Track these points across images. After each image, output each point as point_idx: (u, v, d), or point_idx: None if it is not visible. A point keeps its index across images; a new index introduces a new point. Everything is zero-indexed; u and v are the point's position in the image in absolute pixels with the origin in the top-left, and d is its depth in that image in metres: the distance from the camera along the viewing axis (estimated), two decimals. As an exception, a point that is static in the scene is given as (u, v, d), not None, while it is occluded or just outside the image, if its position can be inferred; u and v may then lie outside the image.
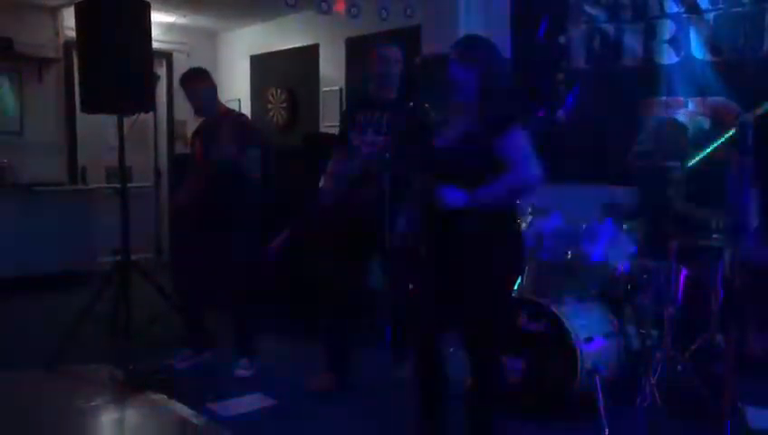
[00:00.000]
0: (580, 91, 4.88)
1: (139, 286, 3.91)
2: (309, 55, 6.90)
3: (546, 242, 3.44)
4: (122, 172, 3.95)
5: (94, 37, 3.76)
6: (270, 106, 7.37)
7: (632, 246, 3.53)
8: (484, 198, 2.40)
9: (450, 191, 2.42)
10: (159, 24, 6.65)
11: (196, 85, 3.88)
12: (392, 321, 3.38)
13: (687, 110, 4.37)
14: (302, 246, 4.06)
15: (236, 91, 7.69)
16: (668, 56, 4.44)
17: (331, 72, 6.70)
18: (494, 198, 2.42)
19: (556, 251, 3.45)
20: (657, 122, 4.39)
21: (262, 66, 7.57)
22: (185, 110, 7.04)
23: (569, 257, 3.47)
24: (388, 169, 2.89)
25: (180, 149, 7.37)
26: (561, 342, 3.19)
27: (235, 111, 4.27)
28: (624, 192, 4.09)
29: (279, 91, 7.28)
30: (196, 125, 4.18)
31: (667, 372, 3.14)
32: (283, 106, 7.25)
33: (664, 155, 3.86)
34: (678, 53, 4.40)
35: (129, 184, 4.07)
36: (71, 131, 6.91)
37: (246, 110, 7.52)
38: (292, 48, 7.09)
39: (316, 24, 6.55)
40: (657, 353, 3.19)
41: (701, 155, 2.68)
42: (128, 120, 3.89)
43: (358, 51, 6.18)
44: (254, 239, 3.93)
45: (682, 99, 4.40)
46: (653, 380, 3.06)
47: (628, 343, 3.51)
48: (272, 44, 7.36)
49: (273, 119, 7.31)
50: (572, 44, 4.91)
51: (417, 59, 4.99)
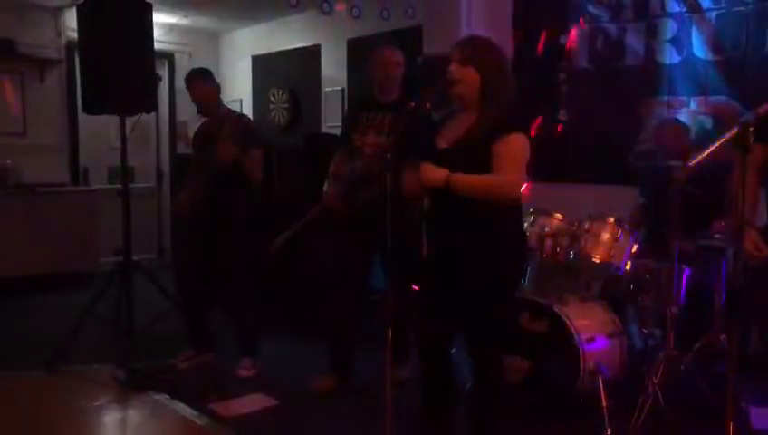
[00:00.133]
0: (582, 91, 4.88)
1: (141, 287, 3.92)
2: (310, 56, 6.90)
3: (548, 242, 3.44)
4: (124, 173, 3.96)
5: (96, 38, 3.76)
6: (272, 106, 7.38)
7: (634, 246, 3.52)
8: (462, 184, 2.40)
9: (432, 168, 2.43)
10: (161, 25, 6.66)
11: (199, 85, 3.89)
12: (393, 321, 3.37)
13: (689, 109, 4.36)
14: (303, 247, 4.05)
15: (238, 92, 7.69)
16: (670, 56, 4.44)
17: (333, 73, 6.70)
18: (471, 189, 2.42)
19: (558, 251, 3.44)
20: (658, 122, 4.38)
21: (263, 66, 7.57)
22: (186, 110, 7.08)
23: (571, 257, 3.46)
24: (390, 170, 2.89)
25: (182, 150, 7.38)
26: (563, 342, 3.19)
27: (236, 111, 4.28)
28: (626, 192, 4.10)
29: (281, 92, 7.28)
30: (197, 126, 4.18)
31: (669, 372, 3.13)
32: (285, 106, 7.25)
33: (665, 155, 3.86)
34: (680, 53, 4.40)
35: (131, 184, 4.08)
36: (73, 132, 6.90)
37: (248, 110, 7.53)
38: (294, 48, 7.10)
39: (318, 25, 6.55)
40: (660, 353, 3.18)
41: (703, 155, 2.67)
42: (130, 121, 3.90)
43: (359, 51, 6.18)
44: (255, 239, 3.93)
45: (684, 98, 4.39)
46: (655, 380, 3.05)
47: (631, 343, 3.52)
48: (273, 45, 7.36)
49: (275, 119, 7.31)
50: (574, 44, 4.90)
51: (419, 59, 4.99)
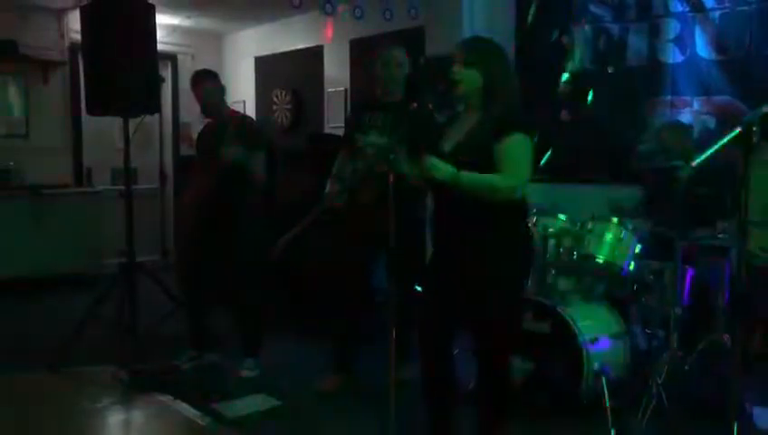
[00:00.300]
0: (585, 91, 4.87)
1: (145, 288, 3.92)
2: (313, 56, 6.91)
3: (552, 242, 3.43)
4: (127, 174, 3.96)
5: (99, 39, 3.77)
6: (275, 107, 7.38)
7: (638, 247, 3.51)
8: (466, 182, 2.39)
9: (439, 163, 2.41)
10: (164, 26, 6.67)
11: (205, 86, 3.90)
12: (396, 321, 3.37)
13: (693, 109, 4.36)
14: (307, 247, 4.05)
15: (241, 93, 7.69)
16: (673, 55, 4.43)
17: (336, 73, 6.70)
18: (475, 187, 2.41)
19: (562, 251, 3.44)
20: (661, 122, 4.38)
21: (266, 67, 7.57)
22: (190, 111, 7.10)
23: (574, 258, 3.46)
24: (393, 171, 2.90)
25: (185, 151, 7.39)
26: (566, 342, 3.18)
27: (240, 112, 4.28)
28: (629, 192, 4.09)
29: (284, 93, 7.28)
30: (200, 127, 4.19)
31: (673, 372, 3.13)
32: (288, 107, 7.25)
33: (668, 155, 3.85)
34: (683, 53, 4.39)
35: (134, 186, 4.08)
36: (76, 133, 6.91)
37: (251, 111, 7.54)
38: (297, 49, 7.10)
39: (320, 26, 6.55)
40: (664, 354, 3.18)
41: (706, 154, 2.67)
42: (133, 123, 3.90)
43: (362, 52, 6.18)
44: (258, 240, 3.93)
45: (687, 98, 4.39)
46: (659, 380, 3.05)
47: (635, 343, 3.51)
48: (276, 46, 7.36)
49: (278, 120, 7.31)
50: (577, 44, 4.90)
51: (422, 60, 5.00)
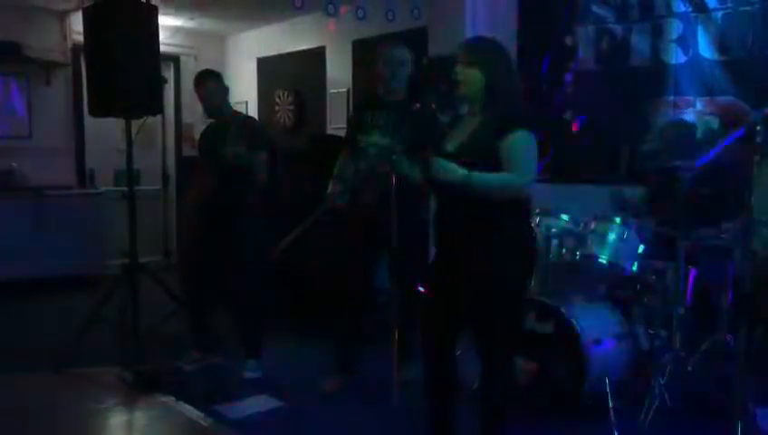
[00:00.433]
0: (588, 92, 4.87)
1: (147, 289, 3.92)
2: (316, 57, 6.91)
3: (554, 242, 3.43)
4: (130, 175, 3.96)
5: (102, 41, 3.77)
6: (277, 108, 7.38)
7: (641, 247, 3.51)
8: (477, 182, 2.37)
9: (449, 164, 2.39)
10: (167, 28, 6.67)
11: (209, 87, 3.90)
12: (399, 321, 3.38)
13: (696, 109, 4.35)
14: (309, 248, 4.05)
15: (244, 94, 7.70)
16: (676, 56, 4.42)
17: (338, 74, 6.70)
18: (487, 186, 2.40)
19: (564, 252, 3.43)
20: (664, 122, 4.37)
21: (269, 68, 7.58)
22: (192, 112, 7.11)
23: (577, 258, 3.45)
24: (396, 171, 2.90)
25: (188, 152, 7.39)
26: (569, 343, 3.18)
27: (243, 113, 4.29)
28: (632, 192, 4.08)
29: (286, 93, 7.29)
30: (203, 128, 4.19)
31: (676, 372, 3.12)
32: (290, 108, 7.26)
33: (672, 155, 3.85)
34: (686, 53, 4.38)
35: (136, 187, 4.09)
36: (79, 135, 6.92)
37: (254, 112, 7.55)
38: (300, 50, 7.10)
39: (323, 27, 6.55)
40: (667, 354, 3.18)
41: (709, 155, 2.67)
42: (135, 124, 3.91)
43: (364, 52, 6.18)
44: (260, 240, 3.93)
45: (690, 98, 4.38)
46: (662, 380, 3.04)
47: (638, 343, 3.50)
48: (279, 47, 7.36)
49: (281, 120, 7.32)
50: (580, 45, 4.89)
51: (424, 60, 4.99)
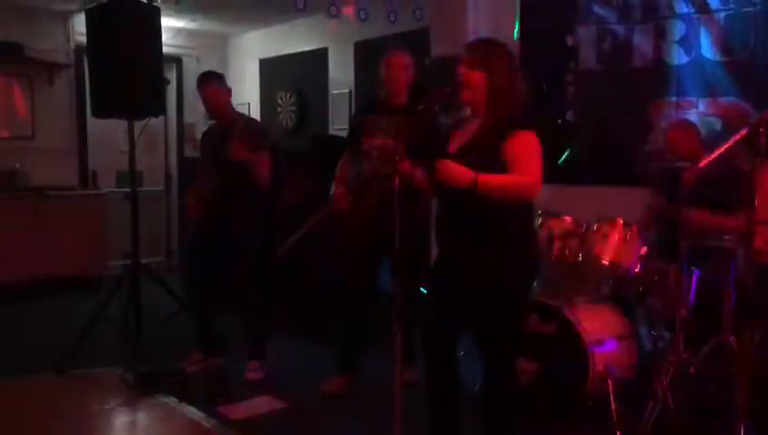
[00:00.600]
0: (591, 93, 4.87)
1: (150, 290, 3.93)
2: (318, 58, 6.91)
3: (557, 243, 3.42)
4: (132, 176, 3.97)
5: (105, 42, 3.78)
6: (279, 109, 7.39)
7: (643, 248, 3.51)
8: (485, 184, 2.34)
9: (459, 167, 2.35)
10: (169, 29, 6.67)
11: (212, 88, 3.90)
12: (401, 322, 3.37)
13: (698, 110, 4.34)
14: (311, 249, 4.06)
15: (246, 95, 7.70)
16: (679, 57, 4.42)
17: (340, 75, 6.71)
18: (495, 188, 2.37)
19: (567, 253, 3.43)
20: (668, 123, 4.36)
21: (271, 69, 7.59)
22: (194, 113, 7.11)
23: (580, 259, 3.45)
24: (398, 173, 2.89)
25: (190, 153, 7.40)
26: (572, 344, 3.18)
27: (245, 114, 4.29)
28: (635, 193, 4.08)
29: (288, 95, 7.29)
30: (205, 129, 4.20)
31: (679, 374, 3.12)
32: (292, 109, 7.26)
33: (675, 156, 3.84)
34: (689, 54, 4.37)
35: (139, 188, 4.10)
36: (81, 136, 6.93)
37: (256, 113, 7.56)
38: (302, 51, 7.11)
39: (325, 28, 6.56)
40: (670, 355, 3.17)
41: (713, 155, 2.67)
42: (138, 125, 3.91)
43: (367, 54, 6.19)
44: (264, 241, 3.93)
45: (693, 99, 4.37)
46: (665, 382, 3.04)
47: (640, 344, 3.50)
48: (281, 48, 7.37)
49: (283, 122, 7.32)
50: (582, 45, 4.89)
51: (427, 62, 4.99)
